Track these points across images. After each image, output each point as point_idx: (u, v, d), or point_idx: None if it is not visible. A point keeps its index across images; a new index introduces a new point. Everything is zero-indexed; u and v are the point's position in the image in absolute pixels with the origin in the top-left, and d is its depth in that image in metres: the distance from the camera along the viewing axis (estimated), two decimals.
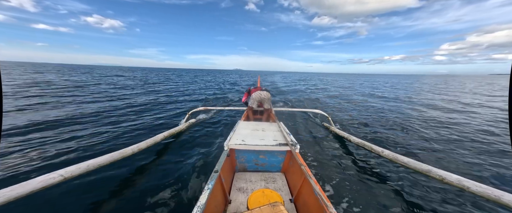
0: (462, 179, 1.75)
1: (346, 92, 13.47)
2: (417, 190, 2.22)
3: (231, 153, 2.06)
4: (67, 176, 1.68)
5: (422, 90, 16.28)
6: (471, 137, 4.17)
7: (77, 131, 3.76)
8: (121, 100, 7.34)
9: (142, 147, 2.58)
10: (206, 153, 3.01)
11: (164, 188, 2.11)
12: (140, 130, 4.05)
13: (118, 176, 2.30)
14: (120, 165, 2.46)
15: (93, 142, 3.27)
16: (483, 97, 11.57)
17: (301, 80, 28.17)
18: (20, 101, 6.10)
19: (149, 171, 2.45)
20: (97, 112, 5.22)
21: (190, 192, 2.06)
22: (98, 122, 4.37)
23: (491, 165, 2.90)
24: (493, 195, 1.53)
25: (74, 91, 9.04)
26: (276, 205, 1.23)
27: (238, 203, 1.68)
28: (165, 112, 5.79)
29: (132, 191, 2.07)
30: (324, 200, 1.20)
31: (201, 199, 1.19)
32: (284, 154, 2.11)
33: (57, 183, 1.61)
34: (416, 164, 2.12)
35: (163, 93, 10.24)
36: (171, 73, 44.52)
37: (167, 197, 1.97)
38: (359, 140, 3.11)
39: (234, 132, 2.32)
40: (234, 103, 8.29)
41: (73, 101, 6.66)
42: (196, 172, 2.44)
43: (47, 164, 2.53)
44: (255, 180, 2.00)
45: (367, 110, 7.20)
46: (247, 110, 3.97)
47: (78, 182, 2.11)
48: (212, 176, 1.43)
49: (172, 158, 2.80)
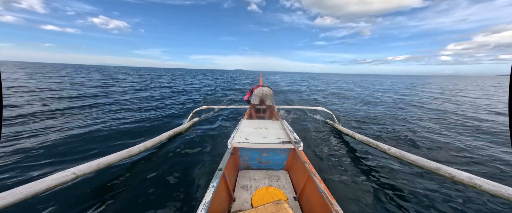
0: (473, 177, 1.69)
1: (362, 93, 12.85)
2: (425, 189, 2.17)
3: (235, 151, 2.07)
4: (79, 174, 1.74)
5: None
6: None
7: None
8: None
9: (148, 145, 2.64)
10: (210, 151, 3.03)
11: (169, 185, 2.15)
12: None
13: (125, 174, 2.35)
14: (128, 163, 2.52)
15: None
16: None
17: (304, 80, 28.00)
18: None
19: (155, 169, 2.49)
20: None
21: (195, 190, 2.08)
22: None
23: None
24: (507, 194, 1.47)
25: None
26: (280, 202, 1.23)
27: (242, 201, 1.69)
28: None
29: (139, 189, 2.11)
30: (329, 198, 1.19)
31: (206, 197, 1.20)
32: (287, 152, 2.10)
33: (69, 181, 1.67)
34: (424, 161, 2.07)
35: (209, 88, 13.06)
36: (183, 73, 46.92)
37: (173, 195, 1.99)
38: (364, 137, 3.05)
39: (237, 130, 2.33)
40: (237, 101, 8.32)
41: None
42: (201, 170, 2.47)
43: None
44: (258, 178, 2.00)
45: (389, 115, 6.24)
46: (250, 108, 3.97)
47: (88, 180, 2.17)
48: (217, 174, 1.43)
49: (177, 157, 2.83)
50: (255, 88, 3.86)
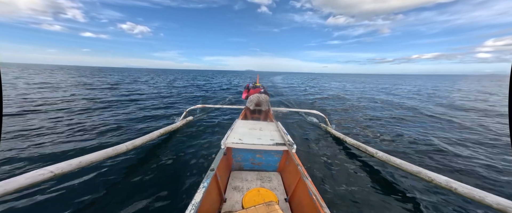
0: (450, 180, 1.82)
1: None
2: (408, 192, 2.29)
3: (228, 151, 2.07)
4: (57, 172, 1.63)
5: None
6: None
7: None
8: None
9: (137, 143, 2.56)
10: (203, 151, 3.01)
11: (159, 185, 2.11)
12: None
13: (111, 173, 2.28)
14: (114, 162, 2.44)
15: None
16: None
17: (312, 80, 27.46)
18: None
19: (143, 169, 2.44)
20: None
21: (185, 190, 2.07)
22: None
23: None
24: (478, 196, 1.59)
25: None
26: (271, 204, 1.26)
27: (233, 202, 1.70)
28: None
29: (126, 188, 2.06)
30: (319, 200, 1.23)
31: (196, 198, 1.20)
32: (280, 153, 2.13)
33: (46, 180, 1.55)
34: (407, 165, 2.19)
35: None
36: (204, 74, 49.88)
37: (162, 195, 1.97)
38: (354, 141, 3.17)
39: (232, 130, 2.33)
40: (232, 101, 8.29)
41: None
42: (192, 170, 2.45)
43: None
44: (251, 179, 2.02)
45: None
46: (245, 109, 3.98)
47: (69, 179, 2.08)
48: (208, 175, 1.44)
49: (168, 156, 2.79)
50: (252, 92, 3.85)
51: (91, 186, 2.05)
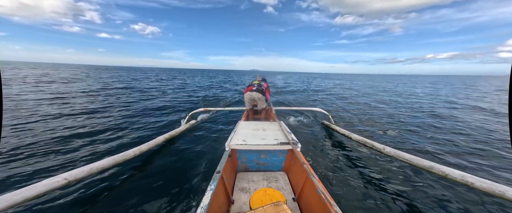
0: (465, 175, 1.74)
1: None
2: (420, 187, 2.21)
3: (233, 153, 2.06)
4: (71, 179, 1.71)
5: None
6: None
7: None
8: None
9: (144, 149, 2.59)
10: (208, 153, 3.01)
11: (166, 189, 2.11)
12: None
13: (120, 178, 2.30)
14: (122, 168, 2.47)
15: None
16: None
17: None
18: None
19: (151, 173, 2.45)
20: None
21: (192, 193, 2.06)
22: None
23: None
24: (498, 191, 1.52)
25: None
26: (279, 204, 1.23)
27: (241, 203, 1.68)
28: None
29: (135, 193, 2.07)
30: (328, 198, 1.20)
31: (204, 200, 1.19)
32: (285, 153, 2.10)
33: (61, 186, 1.64)
34: (418, 160, 2.11)
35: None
36: (216, 74, 52.12)
37: (170, 199, 1.96)
38: (360, 138, 3.10)
39: (235, 132, 2.32)
40: (234, 103, 8.30)
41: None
42: (198, 173, 2.44)
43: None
44: (257, 180, 2.00)
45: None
46: (247, 110, 3.96)
47: (79, 185, 2.11)
48: (215, 177, 1.42)
49: (174, 160, 2.80)
50: (245, 90, 3.84)
51: (99, 191, 2.07)
